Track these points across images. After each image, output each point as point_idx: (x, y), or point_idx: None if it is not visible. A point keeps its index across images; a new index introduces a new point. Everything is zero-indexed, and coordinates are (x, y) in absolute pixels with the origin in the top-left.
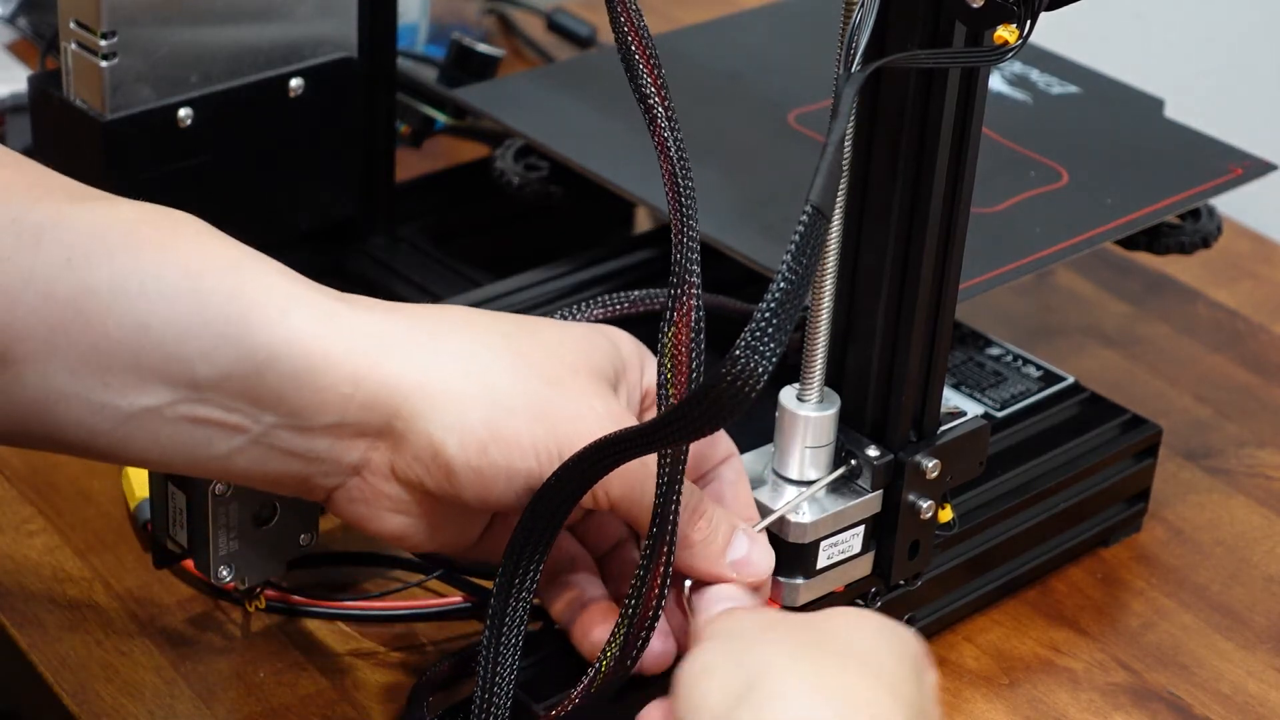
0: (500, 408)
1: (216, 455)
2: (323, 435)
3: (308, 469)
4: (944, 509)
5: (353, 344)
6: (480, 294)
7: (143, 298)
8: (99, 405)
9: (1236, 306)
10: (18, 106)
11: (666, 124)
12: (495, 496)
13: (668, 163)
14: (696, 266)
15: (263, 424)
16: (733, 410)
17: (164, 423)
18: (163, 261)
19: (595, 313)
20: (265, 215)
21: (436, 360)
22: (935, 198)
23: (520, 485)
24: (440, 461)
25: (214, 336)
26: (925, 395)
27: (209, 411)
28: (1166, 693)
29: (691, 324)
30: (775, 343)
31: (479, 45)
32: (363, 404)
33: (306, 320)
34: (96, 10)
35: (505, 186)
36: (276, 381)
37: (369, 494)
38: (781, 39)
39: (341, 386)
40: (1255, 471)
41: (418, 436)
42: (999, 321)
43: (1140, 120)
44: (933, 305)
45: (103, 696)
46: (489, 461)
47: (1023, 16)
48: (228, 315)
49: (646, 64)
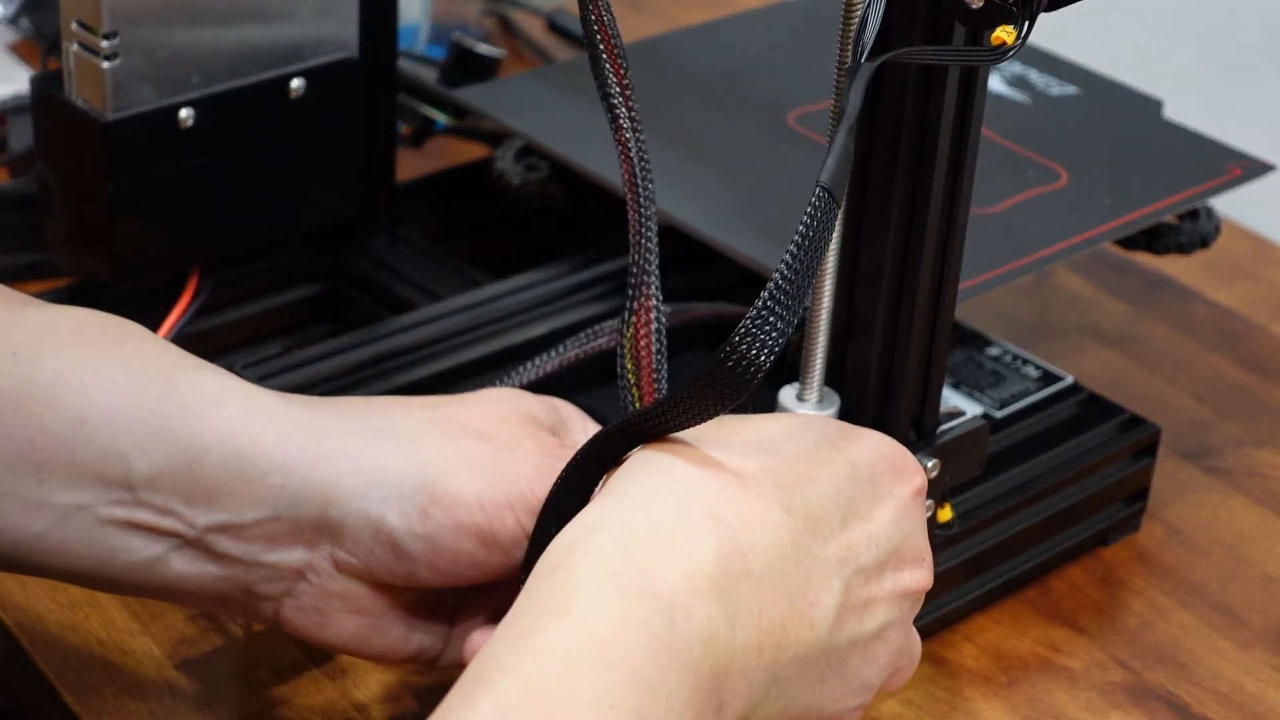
0: (434, 470)
1: (152, 559)
2: (257, 537)
3: (247, 575)
4: (944, 508)
5: (281, 435)
6: (480, 294)
7: (82, 391)
8: (34, 503)
9: (1235, 307)
10: (19, 107)
11: (629, 124)
12: (448, 562)
13: (628, 163)
14: (655, 267)
15: (196, 528)
16: (734, 394)
17: (98, 525)
18: (104, 359)
19: (603, 340)
20: (265, 215)
21: (364, 442)
22: (935, 198)
23: (471, 544)
24: (383, 538)
25: (148, 431)
26: (925, 395)
27: (143, 515)
28: (1165, 692)
29: (651, 324)
30: (778, 330)
31: (479, 46)
32: (294, 496)
33: (237, 411)
34: (98, 11)
35: (505, 186)
36: (208, 475)
37: (318, 597)
38: (781, 39)
39: (271, 478)
40: (1253, 471)
41: (355, 519)
42: (999, 321)
43: (1139, 120)
44: (932, 305)
45: (104, 696)
46: (434, 525)
47: (1022, 17)
48: (163, 410)
49: (614, 65)
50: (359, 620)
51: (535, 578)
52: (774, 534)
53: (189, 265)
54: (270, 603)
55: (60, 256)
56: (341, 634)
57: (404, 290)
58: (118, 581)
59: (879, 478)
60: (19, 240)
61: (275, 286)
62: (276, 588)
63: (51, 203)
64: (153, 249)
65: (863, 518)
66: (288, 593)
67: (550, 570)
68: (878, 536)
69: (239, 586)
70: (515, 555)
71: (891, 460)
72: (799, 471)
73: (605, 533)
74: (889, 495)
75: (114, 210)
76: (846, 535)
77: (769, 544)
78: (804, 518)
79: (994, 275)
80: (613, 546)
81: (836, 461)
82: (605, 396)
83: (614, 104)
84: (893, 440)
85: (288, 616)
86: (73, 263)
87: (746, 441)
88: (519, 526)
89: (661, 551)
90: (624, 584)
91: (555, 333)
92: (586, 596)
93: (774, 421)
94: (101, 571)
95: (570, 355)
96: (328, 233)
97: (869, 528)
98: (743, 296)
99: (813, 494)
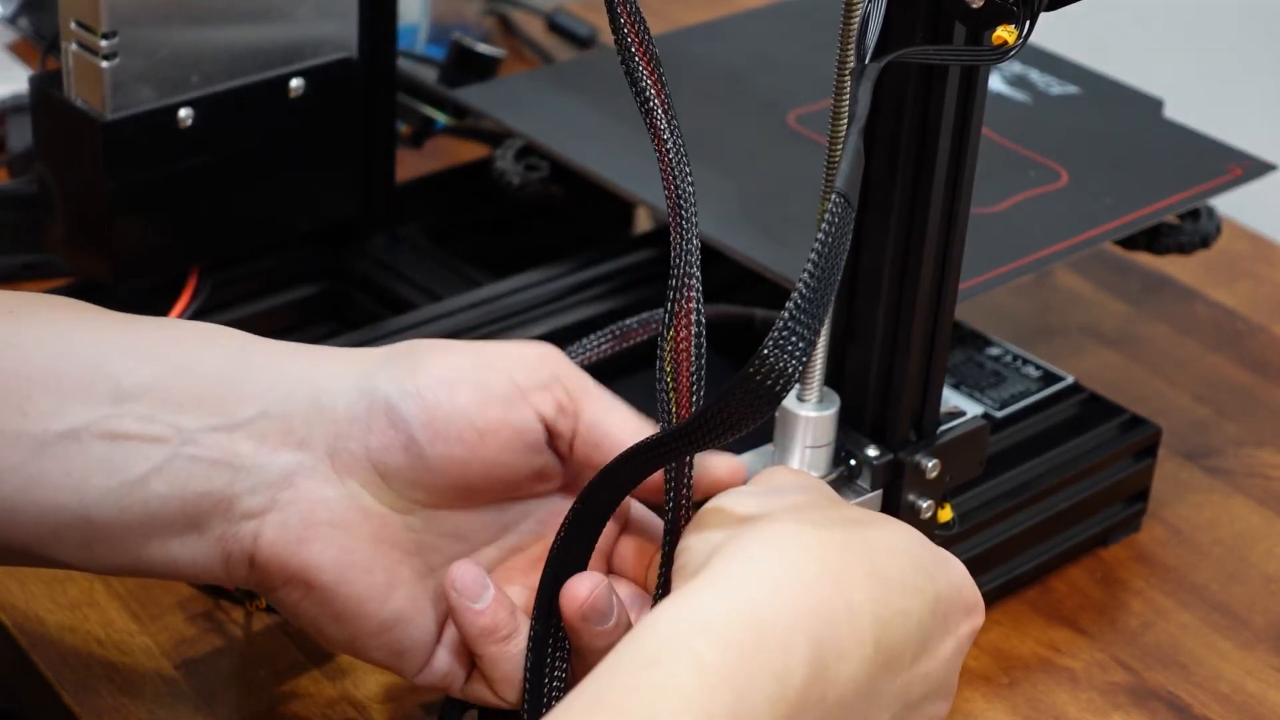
0: (421, 345)
1: (133, 480)
2: (246, 436)
3: (232, 483)
4: (944, 509)
5: (269, 346)
6: (480, 294)
7: (74, 330)
8: (12, 435)
9: (1235, 306)
10: (18, 107)
11: (665, 124)
12: (445, 421)
13: (666, 164)
14: (697, 269)
15: (183, 431)
16: (765, 407)
17: (79, 449)
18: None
19: (606, 346)
20: (265, 215)
21: (353, 350)
22: (935, 197)
23: (465, 396)
24: (377, 403)
25: (138, 352)
26: (925, 395)
27: (128, 425)
28: (1165, 692)
29: (692, 325)
30: (805, 339)
31: (479, 46)
32: (284, 391)
33: (230, 336)
34: (97, 10)
35: (505, 186)
36: (198, 382)
37: (303, 505)
38: (781, 39)
39: (260, 378)
40: (1254, 471)
41: (347, 394)
42: (999, 321)
43: (1140, 120)
44: (933, 305)
45: (103, 696)
46: (425, 378)
47: (1022, 17)
48: (153, 335)
49: (646, 64)
50: (343, 539)
51: (627, 661)
52: (858, 669)
53: (189, 265)
54: (252, 521)
55: (60, 256)
56: (323, 555)
57: (404, 290)
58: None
59: (951, 615)
60: (19, 240)
61: (275, 286)
62: (260, 500)
63: (51, 203)
64: (153, 249)
65: (930, 655)
66: (272, 505)
67: (644, 665)
68: (933, 675)
69: (221, 506)
70: (516, 417)
71: (965, 599)
72: (896, 605)
73: (708, 638)
74: (953, 634)
75: (113, 210)
76: (912, 672)
77: (850, 679)
78: (887, 653)
79: (994, 275)
80: (714, 656)
81: (926, 594)
82: None
83: (650, 105)
84: (968, 575)
85: (268, 536)
86: (73, 263)
87: (856, 550)
88: (512, 382)
89: (759, 673)
90: (714, 706)
91: (555, 333)
92: (676, 712)
93: (878, 525)
94: (79, 503)
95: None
96: (328, 233)
97: (929, 665)
98: (743, 296)
99: (901, 629)
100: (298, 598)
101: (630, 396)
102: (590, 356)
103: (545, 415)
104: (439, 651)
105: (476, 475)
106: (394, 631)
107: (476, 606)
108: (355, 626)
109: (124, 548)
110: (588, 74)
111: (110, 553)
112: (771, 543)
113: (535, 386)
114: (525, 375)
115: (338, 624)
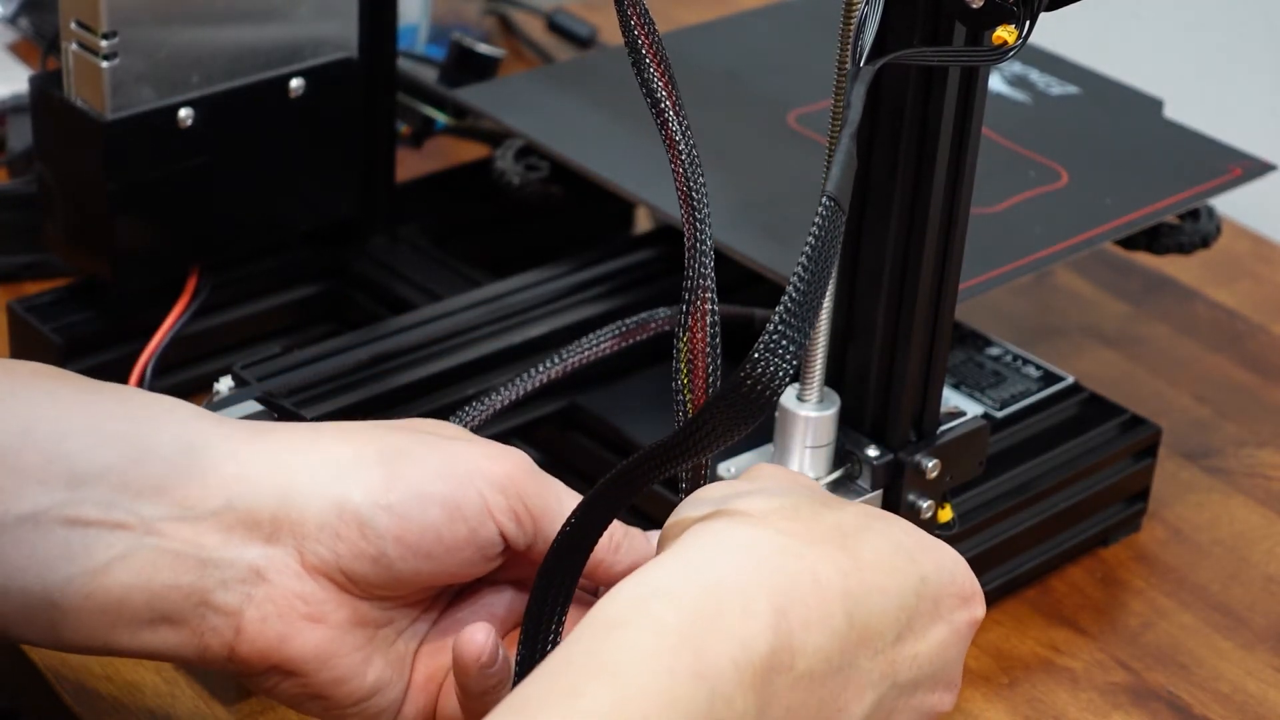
0: (392, 449)
1: (96, 568)
2: (211, 529)
3: (201, 578)
4: (944, 509)
5: (233, 432)
6: (480, 294)
7: (32, 405)
8: None
9: (1236, 307)
10: (19, 107)
11: (677, 126)
12: (416, 534)
13: (679, 165)
14: (710, 270)
15: (145, 520)
16: (754, 414)
17: (40, 533)
18: (62, 380)
19: (607, 344)
20: (265, 215)
21: (316, 434)
22: (935, 197)
23: (436, 512)
24: (348, 515)
25: (99, 433)
26: (925, 395)
27: (87, 511)
28: (1166, 692)
29: (707, 328)
30: (794, 344)
31: (479, 46)
32: (249, 485)
33: (189, 415)
34: (97, 10)
35: (505, 186)
36: (158, 469)
37: (279, 602)
38: (781, 39)
39: (224, 467)
40: (1254, 471)
41: (317, 500)
42: (999, 321)
43: (1140, 120)
44: (933, 305)
45: (103, 696)
46: (398, 494)
47: (1022, 17)
48: (115, 414)
49: (658, 68)
50: (322, 631)
51: (589, 626)
52: (828, 640)
53: (189, 265)
54: (229, 618)
55: (60, 256)
56: (305, 648)
57: (404, 290)
58: (60, 607)
59: (943, 599)
60: (19, 240)
61: (275, 286)
62: (235, 596)
63: (51, 203)
64: (153, 249)
65: (916, 636)
66: (247, 600)
67: (606, 627)
68: (923, 657)
69: (192, 599)
70: (481, 534)
71: (959, 585)
72: (871, 581)
73: (669, 601)
74: (946, 619)
75: (114, 210)
76: (895, 651)
77: (819, 648)
78: (862, 628)
79: (994, 275)
80: (674, 619)
81: (909, 575)
82: (604, 396)
83: (662, 107)
84: (966, 564)
85: (249, 632)
86: (73, 263)
87: (826, 531)
88: (482, 499)
89: (719, 634)
90: (677, 664)
91: (555, 333)
92: (638, 668)
93: (855, 512)
94: (43, 588)
95: (573, 360)
96: (328, 233)
97: (917, 646)
98: (743, 297)
99: (877, 606)
100: (277, 681)
101: (634, 395)
102: (590, 355)
103: (507, 533)
104: (409, 701)
105: (437, 579)
106: (371, 700)
107: (491, 670)
108: (333, 702)
109: (92, 634)
110: (588, 74)
111: (78, 638)
112: (740, 521)
113: (500, 507)
114: (491, 493)
115: (318, 701)
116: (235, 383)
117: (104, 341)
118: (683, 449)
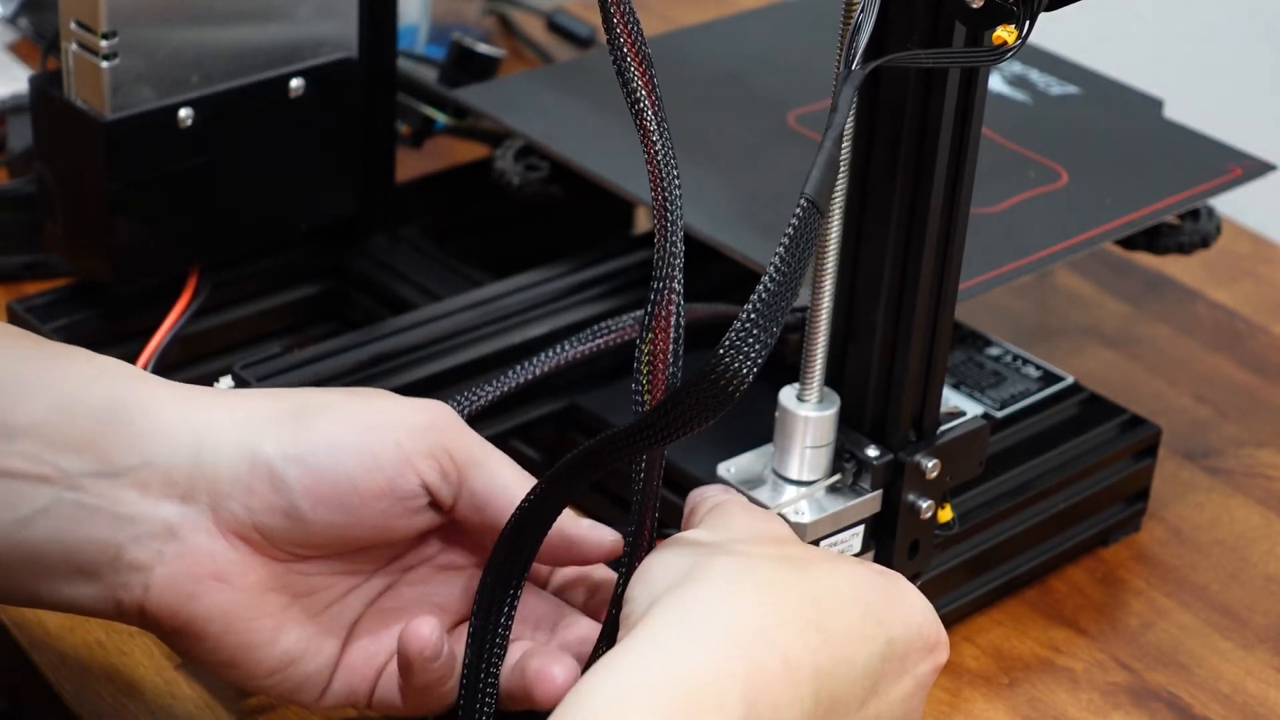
0: (306, 403)
1: (20, 519)
2: (129, 485)
3: (118, 533)
4: (944, 509)
5: (155, 389)
6: (480, 294)
7: None
8: None
9: (1236, 307)
10: (18, 107)
11: (655, 125)
12: (329, 488)
13: (654, 165)
14: (679, 273)
15: (67, 474)
16: (718, 407)
17: None
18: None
19: (586, 347)
20: (265, 215)
21: (243, 395)
22: (935, 197)
23: (351, 462)
24: (260, 469)
25: (27, 387)
26: (925, 395)
27: (15, 463)
28: (1166, 692)
29: (670, 329)
30: (761, 342)
31: (479, 46)
32: (166, 440)
33: (125, 374)
34: (97, 10)
35: (505, 186)
36: (83, 424)
37: (189, 560)
38: (781, 39)
39: (141, 422)
40: (1255, 471)
41: (230, 452)
42: (999, 321)
43: (1139, 120)
44: (933, 305)
45: (103, 696)
46: (308, 444)
47: (1022, 17)
48: (44, 369)
49: (638, 64)
50: (229, 593)
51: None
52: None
53: (189, 265)
54: (140, 574)
55: (60, 256)
56: (211, 608)
57: (404, 290)
58: None
59: (909, 655)
60: (19, 240)
61: (275, 286)
62: (146, 552)
63: (51, 203)
64: (152, 249)
65: (880, 696)
66: (158, 558)
67: None
68: (885, 715)
69: (107, 554)
70: (401, 484)
71: (925, 639)
72: (839, 654)
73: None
74: (911, 673)
75: (113, 210)
76: (860, 714)
77: None
78: (829, 702)
79: (994, 275)
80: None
81: (875, 640)
82: (604, 396)
83: (640, 106)
84: (932, 613)
85: (158, 588)
86: (72, 263)
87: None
88: (400, 449)
89: None
90: None
91: (555, 333)
92: None
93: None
94: None
95: (571, 354)
96: (328, 233)
97: (880, 705)
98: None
99: (845, 679)
100: (188, 644)
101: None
102: (588, 351)
103: (429, 482)
104: (337, 677)
105: (357, 535)
106: (286, 670)
107: (435, 665)
108: (246, 670)
109: (19, 583)
110: (588, 74)
111: (9, 586)
112: (709, 597)
113: (421, 454)
114: (411, 441)
115: (229, 668)
116: (235, 383)
117: (104, 341)
118: (645, 435)
